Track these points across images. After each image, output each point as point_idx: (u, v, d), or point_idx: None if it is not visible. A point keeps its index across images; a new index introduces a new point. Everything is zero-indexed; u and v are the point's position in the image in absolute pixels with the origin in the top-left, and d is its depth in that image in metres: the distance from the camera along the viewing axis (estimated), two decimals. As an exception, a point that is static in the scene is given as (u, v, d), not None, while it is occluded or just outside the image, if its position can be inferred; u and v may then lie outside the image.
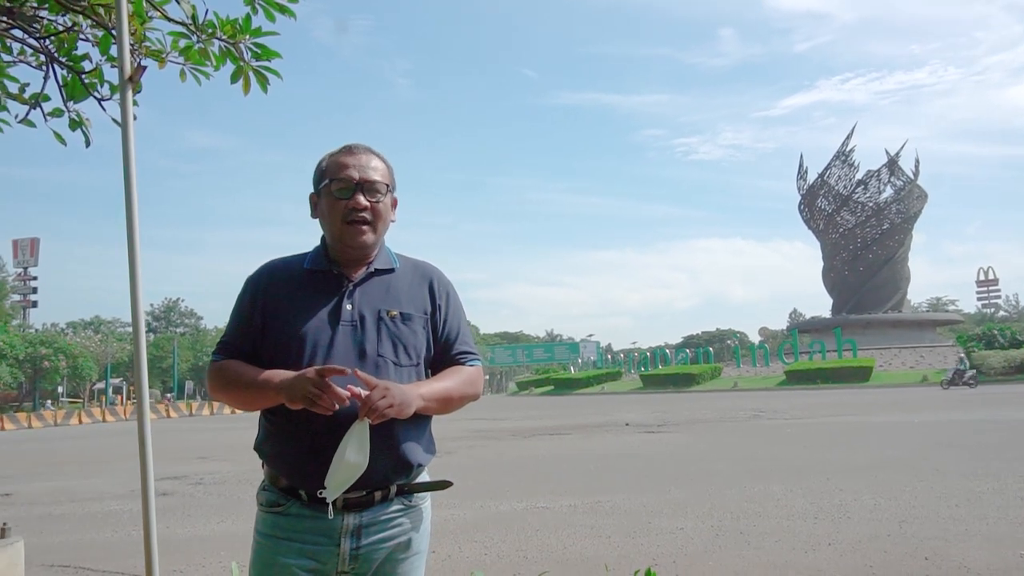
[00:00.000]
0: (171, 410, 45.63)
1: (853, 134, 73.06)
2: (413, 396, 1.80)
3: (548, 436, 17.86)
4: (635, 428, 19.10)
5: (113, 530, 7.68)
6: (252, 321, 1.94)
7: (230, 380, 1.90)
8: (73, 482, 12.05)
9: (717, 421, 20.87)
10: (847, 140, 72.72)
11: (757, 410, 25.15)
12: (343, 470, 1.73)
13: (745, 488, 8.68)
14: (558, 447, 15.06)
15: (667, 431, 17.83)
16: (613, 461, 12.23)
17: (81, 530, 7.75)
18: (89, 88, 3.32)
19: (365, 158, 1.96)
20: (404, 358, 1.93)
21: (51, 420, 39.25)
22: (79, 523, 8.16)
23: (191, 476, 12.06)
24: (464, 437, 17.94)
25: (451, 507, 7.99)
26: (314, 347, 1.86)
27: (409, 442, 1.91)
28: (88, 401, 62.51)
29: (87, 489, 10.97)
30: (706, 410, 26.82)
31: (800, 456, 11.73)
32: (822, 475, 9.41)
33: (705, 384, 57.85)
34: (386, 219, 1.99)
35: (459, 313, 2.10)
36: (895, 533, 6.15)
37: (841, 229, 73.09)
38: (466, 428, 20.72)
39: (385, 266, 2.01)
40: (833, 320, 70.19)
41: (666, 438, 16.06)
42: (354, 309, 1.92)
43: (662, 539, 6.28)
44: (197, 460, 14.95)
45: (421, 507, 1.98)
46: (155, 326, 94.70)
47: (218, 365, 1.94)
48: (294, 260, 2.01)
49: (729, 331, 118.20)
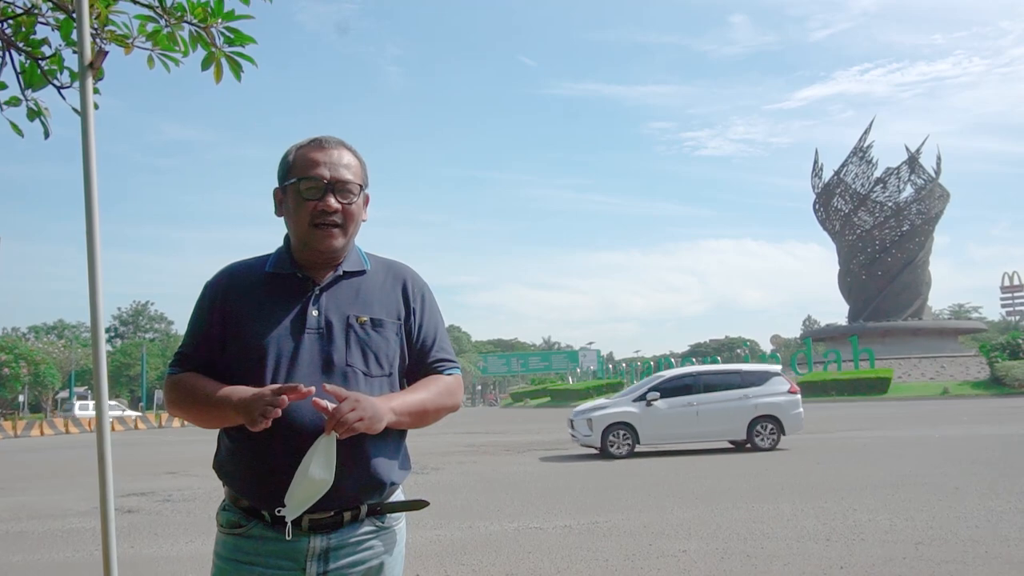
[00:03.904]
0: (139, 422, 45.47)
1: (871, 129, 73.43)
2: (384, 410, 1.77)
3: (543, 451, 17.85)
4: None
5: (74, 549, 7.65)
6: (210, 330, 1.92)
7: (186, 396, 1.87)
8: (33, 497, 12.00)
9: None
10: (865, 135, 72.94)
11: (767, 424, 25.12)
12: (306, 487, 1.70)
13: (753, 508, 8.68)
14: (552, 463, 15.06)
15: (670, 445, 17.83)
16: (612, 479, 12.23)
17: (40, 549, 7.72)
18: (48, 75, 3.31)
19: (337, 154, 1.92)
20: (375, 368, 1.91)
21: (10, 431, 39.09)
22: (38, 541, 8.13)
23: (159, 492, 12.02)
24: (454, 452, 17.93)
25: (437, 527, 7.98)
26: (277, 358, 1.84)
27: (381, 457, 1.88)
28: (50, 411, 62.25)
29: (48, 505, 10.93)
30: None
31: (812, 473, 11.75)
32: (835, 494, 9.42)
33: (712, 396, 57.81)
34: (357, 220, 1.96)
35: (436, 317, 2.07)
36: (911, 556, 6.16)
37: (858, 230, 73.23)
38: (456, 442, 20.69)
39: (355, 268, 1.98)
40: (849, 328, 70.23)
41: (668, 453, 16.07)
42: (320, 315, 1.89)
43: (664, 562, 6.28)
44: (166, 475, 14.90)
45: (395, 528, 1.95)
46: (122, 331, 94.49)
47: (174, 379, 1.91)
48: (255, 263, 1.99)
49: (739, 339, 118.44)
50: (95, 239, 2.35)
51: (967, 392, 45.37)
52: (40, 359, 58.14)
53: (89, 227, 2.35)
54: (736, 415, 16.04)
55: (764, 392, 16.28)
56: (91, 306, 2.33)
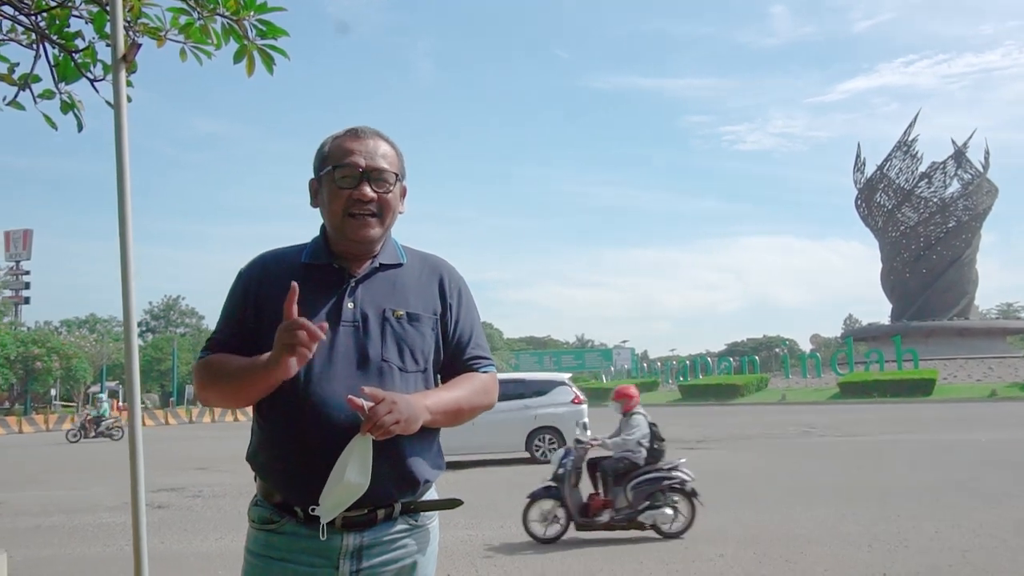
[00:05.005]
0: (170, 416, 46.13)
1: (916, 122, 72.18)
2: (421, 408, 1.77)
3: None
4: (672, 444, 18.94)
5: (104, 544, 7.78)
6: (244, 318, 1.92)
7: (216, 372, 1.88)
8: (64, 492, 12.24)
9: (763, 437, 20.76)
10: (909, 129, 71.89)
11: (807, 425, 24.92)
12: (341, 491, 1.70)
13: (792, 512, 8.60)
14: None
15: (707, 447, 17.77)
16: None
17: (71, 544, 7.86)
18: (81, 68, 3.36)
19: (373, 143, 1.93)
20: (411, 363, 1.91)
21: (42, 425, 39.90)
22: (69, 536, 8.28)
23: (189, 488, 12.19)
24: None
25: (468, 527, 8.00)
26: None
27: (415, 456, 1.88)
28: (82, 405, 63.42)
29: (79, 500, 11.13)
30: (751, 425, 26.65)
31: (854, 477, 11.63)
32: (878, 499, 9.30)
33: (750, 396, 57.42)
34: (394, 211, 1.96)
35: (472, 313, 2.07)
36: (957, 564, 6.06)
37: (902, 227, 72.29)
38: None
39: (391, 261, 1.98)
40: (892, 327, 69.35)
41: (706, 455, 15.96)
42: (356, 308, 1.89)
43: (700, 567, 6.24)
44: (196, 471, 15.11)
45: (428, 527, 1.96)
46: (153, 326, 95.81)
47: (204, 360, 1.92)
48: (290, 252, 1.99)
49: (777, 338, 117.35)
50: (128, 233, 2.37)
51: (1016, 395, 44.45)
52: (72, 353, 59.10)
53: (122, 221, 2.38)
54: (515, 427, 15.25)
55: (546, 402, 15.60)
56: (123, 300, 2.36)
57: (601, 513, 7.35)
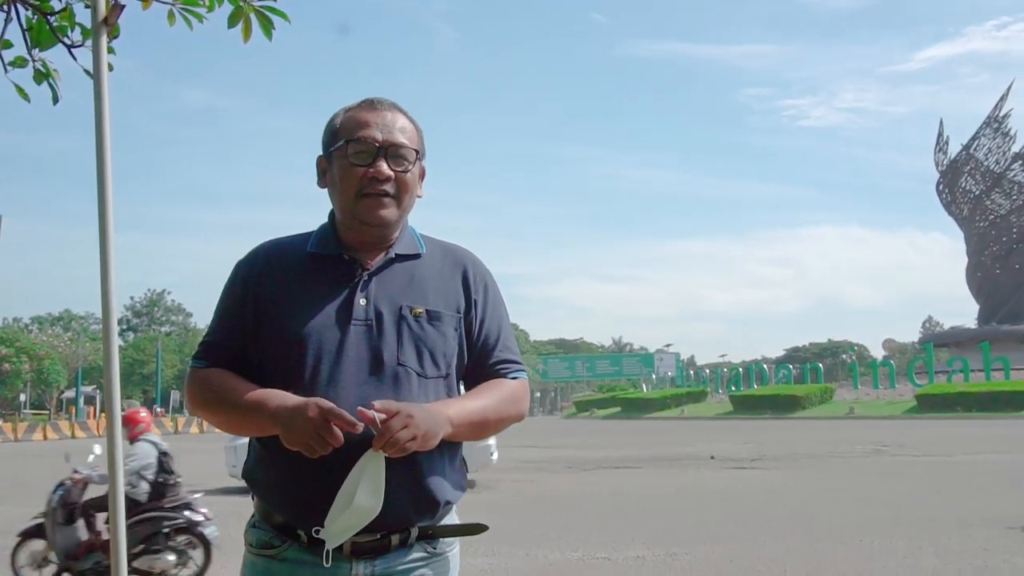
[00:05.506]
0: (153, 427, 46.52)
1: (1009, 95, 71.50)
2: (442, 421, 1.76)
3: (612, 469, 17.83)
4: (722, 462, 18.93)
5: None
6: (243, 317, 1.93)
7: (213, 396, 1.89)
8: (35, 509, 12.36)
9: (827, 456, 20.61)
10: (1001, 103, 71.23)
11: (878, 443, 24.73)
12: (350, 514, 1.68)
13: (860, 542, 8.55)
14: (624, 484, 15.03)
15: (763, 467, 17.68)
16: (693, 503, 12.16)
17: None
18: (58, 32, 3.39)
19: (391, 116, 1.93)
20: (430, 368, 1.90)
21: (10, 434, 40.40)
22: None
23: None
24: (509, 468, 17.95)
25: (490, 555, 8.01)
26: (318, 352, 1.84)
27: (435, 475, 1.87)
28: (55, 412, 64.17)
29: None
30: (813, 442, 26.46)
31: (932, 503, 11.53)
32: (960, 529, 9.21)
33: (812, 409, 57.16)
34: (412, 193, 1.96)
35: (500, 310, 2.06)
36: (1055, 605, 6.00)
37: (992, 216, 71.66)
38: (512, 457, 20.72)
39: (409, 251, 1.98)
40: (980, 332, 68.78)
41: (761, 476, 15.90)
42: (369, 304, 1.88)
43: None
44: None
45: (448, 555, 1.95)
46: (135, 323, 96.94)
47: (200, 375, 1.92)
48: (295, 241, 2.00)
49: (844, 343, 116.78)
50: (108, 219, 2.38)
51: (1124, 410, 43.94)
52: (44, 354, 59.91)
53: (101, 205, 2.39)
54: None
55: None
56: (102, 294, 2.37)
57: (86, 558, 6.98)
